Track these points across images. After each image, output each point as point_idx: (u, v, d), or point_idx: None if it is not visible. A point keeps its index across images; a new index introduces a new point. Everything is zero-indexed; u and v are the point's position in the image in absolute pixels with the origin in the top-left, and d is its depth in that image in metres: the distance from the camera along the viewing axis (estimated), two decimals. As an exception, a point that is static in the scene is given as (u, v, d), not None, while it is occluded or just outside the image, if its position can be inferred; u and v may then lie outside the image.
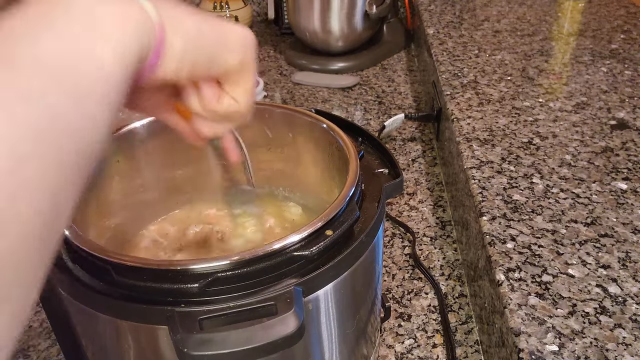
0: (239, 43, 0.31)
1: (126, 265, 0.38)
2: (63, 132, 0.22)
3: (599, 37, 1.07)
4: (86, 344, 0.46)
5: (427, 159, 0.97)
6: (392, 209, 0.84)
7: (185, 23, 0.29)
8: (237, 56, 0.31)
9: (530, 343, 0.46)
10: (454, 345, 0.62)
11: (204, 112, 0.34)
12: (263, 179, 0.63)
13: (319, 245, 0.39)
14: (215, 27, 0.30)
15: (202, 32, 0.29)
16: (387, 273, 0.72)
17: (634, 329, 0.47)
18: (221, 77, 0.33)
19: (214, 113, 0.34)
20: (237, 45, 0.31)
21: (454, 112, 0.83)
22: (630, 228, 0.58)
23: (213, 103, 0.34)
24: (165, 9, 0.28)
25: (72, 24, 0.23)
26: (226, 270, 0.37)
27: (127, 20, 0.25)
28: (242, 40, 0.32)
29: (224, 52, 0.31)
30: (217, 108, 0.34)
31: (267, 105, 0.58)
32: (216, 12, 1.49)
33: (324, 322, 0.43)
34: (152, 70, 0.28)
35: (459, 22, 1.21)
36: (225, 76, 0.33)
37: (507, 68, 0.97)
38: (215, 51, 0.30)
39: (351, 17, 1.24)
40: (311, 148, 0.57)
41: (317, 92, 1.20)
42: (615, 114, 0.80)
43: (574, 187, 0.65)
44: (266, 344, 0.34)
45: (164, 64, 0.28)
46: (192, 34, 0.29)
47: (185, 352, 0.34)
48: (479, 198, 0.64)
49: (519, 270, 0.54)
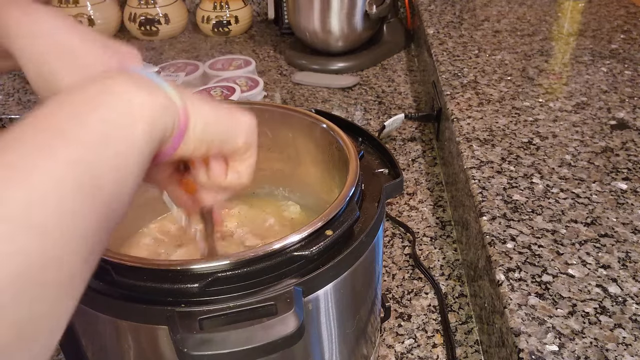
0: (247, 128, 0.36)
1: (126, 265, 0.38)
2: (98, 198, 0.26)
3: (599, 37, 1.07)
4: (86, 344, 0.46)
5: (427, 159, 0.97)
6: (392, 209, 0.84)
7: (205, 109, 0.33)
8: (245, 139, 0.36)
9: (530, 343, 0.46)
10: (454, 345, 0.62)
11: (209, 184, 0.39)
12: (263, 179, 0.63)
13: (319, 245, 0.39)
14: (229, 114, 0.35)
15: (219, 117, 0.34)
16: (387, 273, 0.72)
17: (634, 329, 0.47)
18: (229, 155, 0.38)
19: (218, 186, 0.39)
20: (245, 129, 0.36)
21: (454, 112, 0.83)
22: (630, 228, 0.58)
23: (220, 177, 0.38)
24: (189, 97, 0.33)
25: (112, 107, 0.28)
26: (226, 270, 0.37)
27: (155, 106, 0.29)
28: (249, 126, 0.37)
29: (234, 136, 0.36)
30: (223, 182, 0.38)
31: (267, 105, 0.58)
32: (216, 12, 1.49)
33: (324, 322, 0.43)
34: (175, 148, 0.32)
35: (459, 22, 1.21)
36: (233, 155, 0.37)
37: (507, 68, 0.97)
38: (228, 134, 0.35)
39: (351, 17, 1.24)
40: (311, 148, 0.57)
41: (317, 92, 1.20)
42: (615, 114, 0.80)
43: (574, 187, 0.65)
44: (266, 344, 0.34)
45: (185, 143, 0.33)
46: (211, 119, 0.34)
47: (185, 352, 0.34)
48: (479, 198, 0.64)
49: (519, 270, 0.54)
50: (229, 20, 1.49)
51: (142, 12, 1.46)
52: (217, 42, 1.50)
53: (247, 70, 1.19)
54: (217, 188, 0.40)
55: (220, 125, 0.34)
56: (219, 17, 1.49)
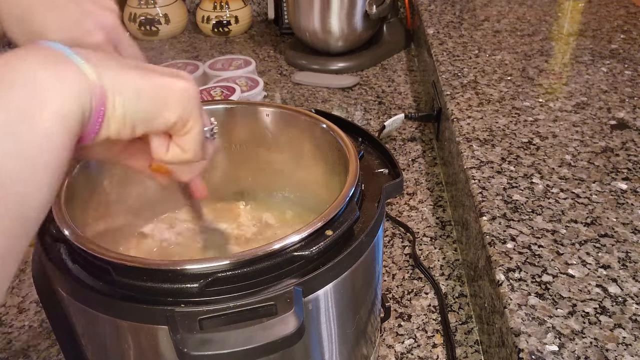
0: (178, 100, 0.32)
1: (126, 265, 0.38)
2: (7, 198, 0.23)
3: (599, 37, 1.07)
4: (86, 344, 0.46)
5: (427, 159, 0.97)
6: (392, 209, 0.84)
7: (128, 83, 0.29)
8: (175, 112, 0.32)
9: (530, 343, 0.46)
10: (454, 345, 0.62)
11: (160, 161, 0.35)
12: (263, 179, 0.63)
13: (319, 245, 0.39)
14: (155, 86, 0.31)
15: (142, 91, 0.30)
16: (387, 273, 0.72)
17: (634, 329, 0.47)
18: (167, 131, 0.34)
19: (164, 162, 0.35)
20: (176, 102, 0.32)
21: (454, 112, 0.83)
22: (630, 228, 0.58)
23: (160, 154, 0.34)
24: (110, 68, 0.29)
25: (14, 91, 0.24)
26: (226, 270, 0.37)
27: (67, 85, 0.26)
28: (181, 96, 0.32)
29: (163, 111, 0.31)
30: (165, 158, 0.34)
31: (267, 105, 0.58)
32: (216, 12, 1.49)
33: (324, 322, 0.43)
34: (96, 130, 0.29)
35: (459, 22, 1.21)
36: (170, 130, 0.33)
37: (507, 68, 0.97)
38: (154, 111, 0.31)
39: (351, 17, 1.24)
40: (311, 148, 0.57)
41: (317, 92, 1.20)
42: (615, 114, 0.80)
43: (574, 187, 0.65)
44: (266, 344, 0.34)
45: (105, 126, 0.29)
46: (132, 95, 0.30)
47: (185, 352, 0.34)
48: (479, 198, 0.64)
49: (519, 270, 0.54)
50: (229, 20, 1.49)
51: (142, 12, 1.46)
52: (217, 42, 1.50)
53: (247, 70, 1.19)
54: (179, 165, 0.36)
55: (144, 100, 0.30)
56: (219, 17, 1.49)
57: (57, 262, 0.41)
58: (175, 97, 0.31)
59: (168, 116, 0.31)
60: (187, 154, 0.34)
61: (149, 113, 0.31)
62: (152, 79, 0.31)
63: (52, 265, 0.40)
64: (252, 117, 0.58)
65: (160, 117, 0.31)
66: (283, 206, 0.63)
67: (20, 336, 0.65)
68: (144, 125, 0.31)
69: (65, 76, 0.26)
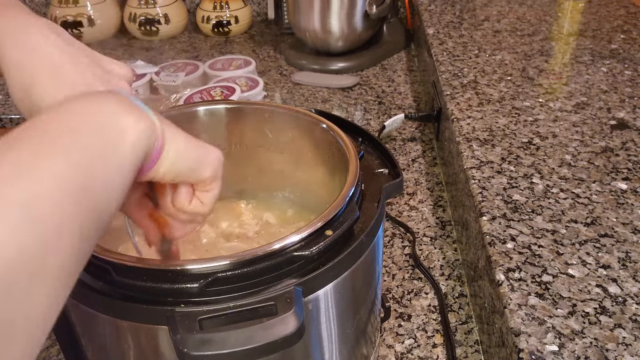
0: (214, 161, 0.38)
1: (126, 265, 0.38)
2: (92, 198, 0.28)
3: (599, 37, 1.07)
4: (86, 343, 0.46)
5: (427, 159, 0.97)
6: (392, 209, 0.84)
7: (179, 138, 0.36)
8: (211, 171, 0.38)
9: (530, 343, 0.46)
10: (454, 345, 0.62)
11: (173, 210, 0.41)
12: (263, 179, 0.63)
13: (319, 245, 0.39)
14: (199, 146, 0.37)
15: (189, 147, 0.36)
16: (387, 273, 0.72)
17: (634, 329, 0.47)
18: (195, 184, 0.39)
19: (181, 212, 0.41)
20: (213, 162, 0.38)
21: (454, 112, 0.83)
22: (630, 228, 0.58)
23: (185, 203, 0.40)
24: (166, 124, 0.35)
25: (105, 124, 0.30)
26: (226, 270, 0.37)
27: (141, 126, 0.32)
28: (215, 159, 0.38)
29: (202, 167, 0.38)
30: (186, 208, 0.40)
31: (267, 105, 0.58)
32: (216, 12, 1.49)
33: (324, 322, 0.43)
34: (150, 168, 0.34)
35: (459, 22, 1.21)
36: (198, 185, 0.39)
37: (507, 68, 0.97)
38: (196, 165, 0.37)
39: (351, 17, 1.24)
40: (311, 148, 0.57)
41: (317, 92, 1.20)
42: (615, 114, 0.80)
43: (574, 187, 0.65)
44: (266, 344, 0.34)
45: (158, 165, 0.35)
46: (182, 148, 0.36)
47: (185, 352, 0.34)
48: (479, 198, 0.64)
49: (519, 270, 0.54)
50: (229, 20, 1.49)
51: (142, 12, 1.46)
52: (217, 42, 1.50)
53: (247, 70, 1.19)
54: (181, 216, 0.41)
55: (191, 154, 0.37)
56: (219, 17, 1.49)
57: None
58: (211, 159, 0.38)
59: (205, 172, 0.38)
60: (204, 207, 0.40)
61: (191, 165, 0.37)
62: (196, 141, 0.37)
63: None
64: (252, 117, 0.58)
65: (199, 170, 0.37)
66: (283, 206, 0.63)
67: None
68: (185, 176, 0.37)
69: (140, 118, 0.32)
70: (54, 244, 0.25)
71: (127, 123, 0.31)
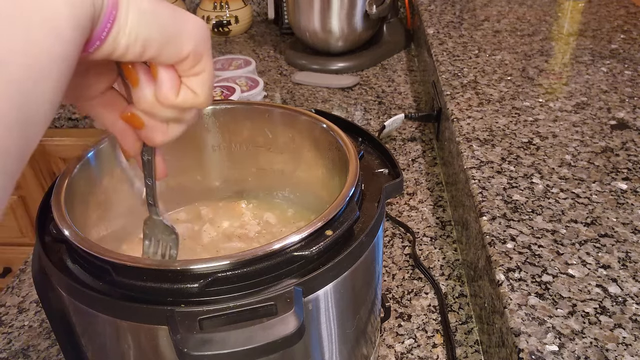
0: (195, 31, 0.30)
1: (126, 265, 0.38)
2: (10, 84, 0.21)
3: (599, 37, 1.07)
4: (86, 344, 0.46)
5: (427, 159, 0.97)
6: (392, 209, 0.84)
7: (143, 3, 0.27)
8: (189, 44, 0.29)
9: (530, 343, 0.46)
10: (454, 345, 0.62)
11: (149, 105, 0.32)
12: (263, 179, 0.63)
13: (319, 245, 0.39)
14: (172, 11, 0.29)
15: (158, 12, 0.28)
16: (387, 273, 0.72)
17: (634, 329, 0.47)
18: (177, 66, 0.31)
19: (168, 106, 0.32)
20: (193, 33, 0.29)
21: (454, 112, 0.83)
22: (630, 228, 0.58)
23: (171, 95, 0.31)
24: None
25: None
26: (226, 270, 0.37)
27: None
28: (197, 29, 0.30)
29: (179, 37, 0.29)
30: (175, 101, 0.31)
31: (267, 105, 0.58)
32: (216, 12, 1.49)
33: (324, 322, 0.43)
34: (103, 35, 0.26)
35: (459, 22, 1.21)
36: (181, 66, 0.30)
37: (507, 68, 0.97)
38: (169, 33, 0.28)
39: (351, 17, 1.24)
40: (311, 148, 0.57)
41: (317, 92, 1.20)
42: (615, 114, 0.80)
43: (574, 187, 0.65)
44: (266, 344, 0.34)
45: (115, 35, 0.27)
46: (147, 9, 0.27)
47: (185, 352, 0.34)
48: (479, 198, 0.64)
49: (519, 270, 0.54)
50: (229, 20, 1.49)
51: (142, 12, 1.46)
52: (217, 42, 1.50)
53: (247, 70, 1.19)
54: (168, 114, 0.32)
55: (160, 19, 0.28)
56: (219, 17, 1.49)
57: (57, 262, 0.41)
58: (191, 27, 0.29)
59: (182, 45, 0.29)
60: (199, 97, 0.31)
61: (164, 34, 0.28)
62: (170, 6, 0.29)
63: (52, 265, 0.40)
64: (252, 117, 0.58)
65: (174, 43, 0.29)
66: (284, 206, 0.63)
67: (20, 336, 0.65)
68: (155, 49, 0.28)
69: None
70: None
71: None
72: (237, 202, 0.63)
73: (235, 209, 0.63)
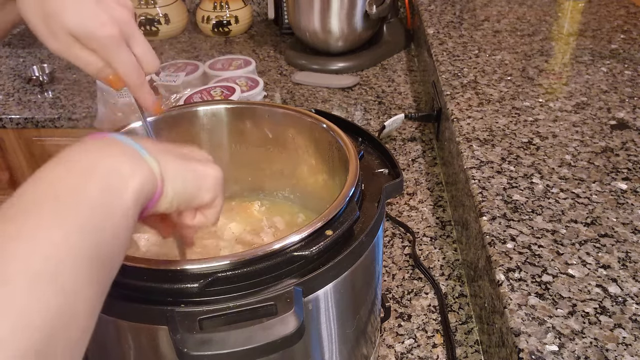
0: (212, 184, 0.39)
1: (126, 265, 0.38)
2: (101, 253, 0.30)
3: (599, 37, 1.07)
4: (86, 344, 0.46)
5: (427, 159, 0.97)
6: (392, 209, 0.84)
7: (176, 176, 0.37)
8: (210, 195, 0.39)
9: (530, 343, 0.46)
10: (454, 345, 0.62)
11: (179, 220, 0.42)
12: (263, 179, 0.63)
13: (319, 245, 0.39)
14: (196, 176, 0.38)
15: (187, 180, 0.37)
16: (387, 273, 0.72)
17: (634, 329, 0.47)
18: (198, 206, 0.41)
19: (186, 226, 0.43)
20: (211, 186, 0.39)
21: (454, 112, 0.83)
22: (630, 228, 0.58)
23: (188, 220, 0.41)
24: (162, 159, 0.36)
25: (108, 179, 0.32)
26: (226, 270, 0.37)
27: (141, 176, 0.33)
28: (215, 182, 0.39)
29: (201, 194, 0.39)
30: (190, 223, 0.41)
31: (267, 105, 0.58)
32: (216, 12, 1.49)
33: (324, 322, 0.43)
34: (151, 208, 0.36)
35: (459, 22, 1.21)
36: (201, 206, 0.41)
37: (507, 68, 0.97)
38: (193, 194, 0.38)
39: (351, 17, 1.24)
40: (311, 148, 0.57)
41: (317, 92, 1.20)
42: (615, 114, 0.80)
43: (574, 187, 0.65)
44: (266, 344, 0.34)
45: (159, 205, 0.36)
46: (180, 186, 0.37)
47: (185, 352, 0.34)
48: (479, 198, 0.64)
49: (519, 270, 0.54)
50: (229, 20, 1.49)
51: (142, 12, 1.46)
52: (217, 42, 1.50)
53: (247, 70, 1.19)
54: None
55: (188, 188, 0.38)
56: (219, 17, 1.49)
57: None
58: (209, 184, 0.39)
59: (203, 198, 0.39)
60: (208, 221, 0.41)
61: (190, 196, 0.38)
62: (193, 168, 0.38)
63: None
64: (252, 117, 0.58)
65: (197, 198, 0.38)
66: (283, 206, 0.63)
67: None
68: (185, 205, 0.38)
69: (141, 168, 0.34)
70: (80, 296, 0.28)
71: (128, 173, 0.33)
72: (237, 202, 0.63)
73: (233, 208, 0.63)
